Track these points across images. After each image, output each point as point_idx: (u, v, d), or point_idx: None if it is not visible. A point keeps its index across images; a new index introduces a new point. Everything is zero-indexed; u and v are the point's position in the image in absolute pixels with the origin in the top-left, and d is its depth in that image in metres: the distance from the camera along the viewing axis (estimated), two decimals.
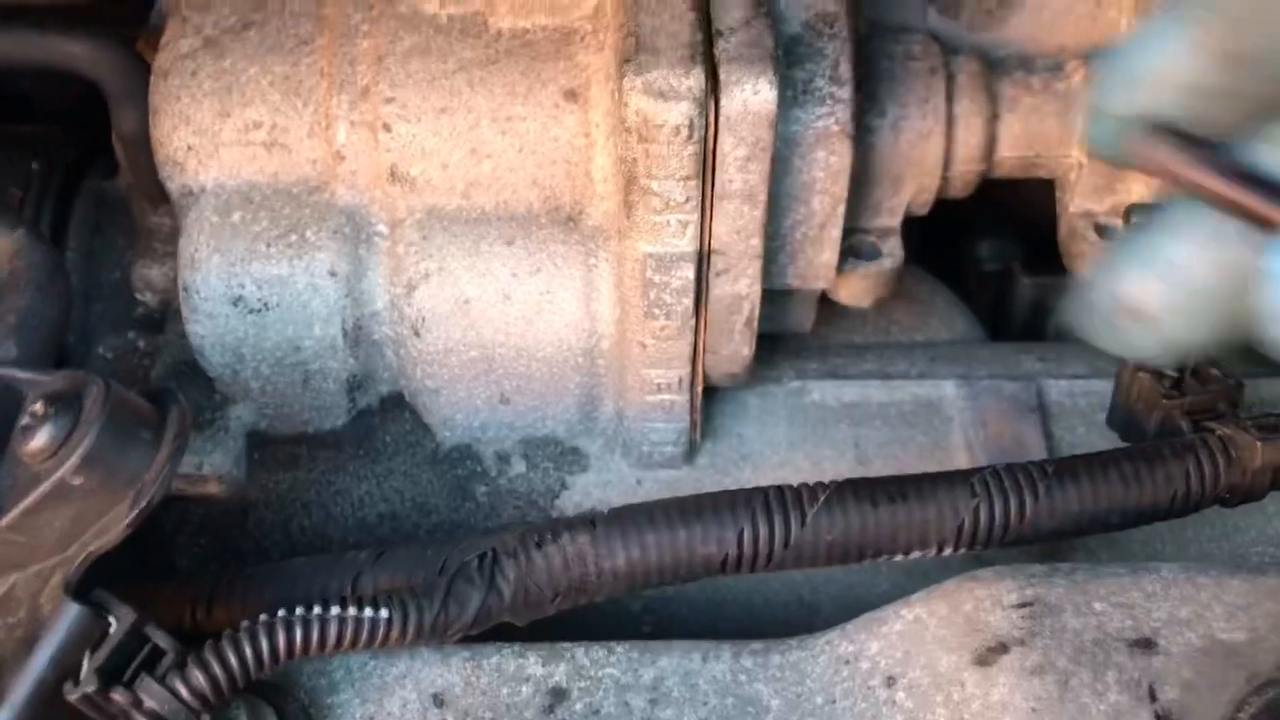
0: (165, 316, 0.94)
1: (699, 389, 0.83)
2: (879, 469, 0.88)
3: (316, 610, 0.66)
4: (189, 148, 0.81)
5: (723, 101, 0.69)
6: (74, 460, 0.60)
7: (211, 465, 0.83)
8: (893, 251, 0.84)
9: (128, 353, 0.94)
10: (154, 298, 0.95)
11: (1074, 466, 0.72)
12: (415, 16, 0.81)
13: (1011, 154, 0.85)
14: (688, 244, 0.74)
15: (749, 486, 0.73)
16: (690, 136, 0.69)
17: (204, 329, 0.81)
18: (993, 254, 1.19)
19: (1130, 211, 0.84)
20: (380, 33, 0.80)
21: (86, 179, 1.01)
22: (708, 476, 0.88)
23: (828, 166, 0.76)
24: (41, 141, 1.03)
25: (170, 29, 0.84)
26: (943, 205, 0.98)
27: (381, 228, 0.81)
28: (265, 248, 0.80)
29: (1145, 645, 0.66)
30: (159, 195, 0.90)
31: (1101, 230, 0.87)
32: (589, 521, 0.72)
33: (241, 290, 0.80)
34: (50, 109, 1.07)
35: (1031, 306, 1.13)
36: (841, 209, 0.78)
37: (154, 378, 0.88)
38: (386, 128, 0.79)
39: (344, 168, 0.80)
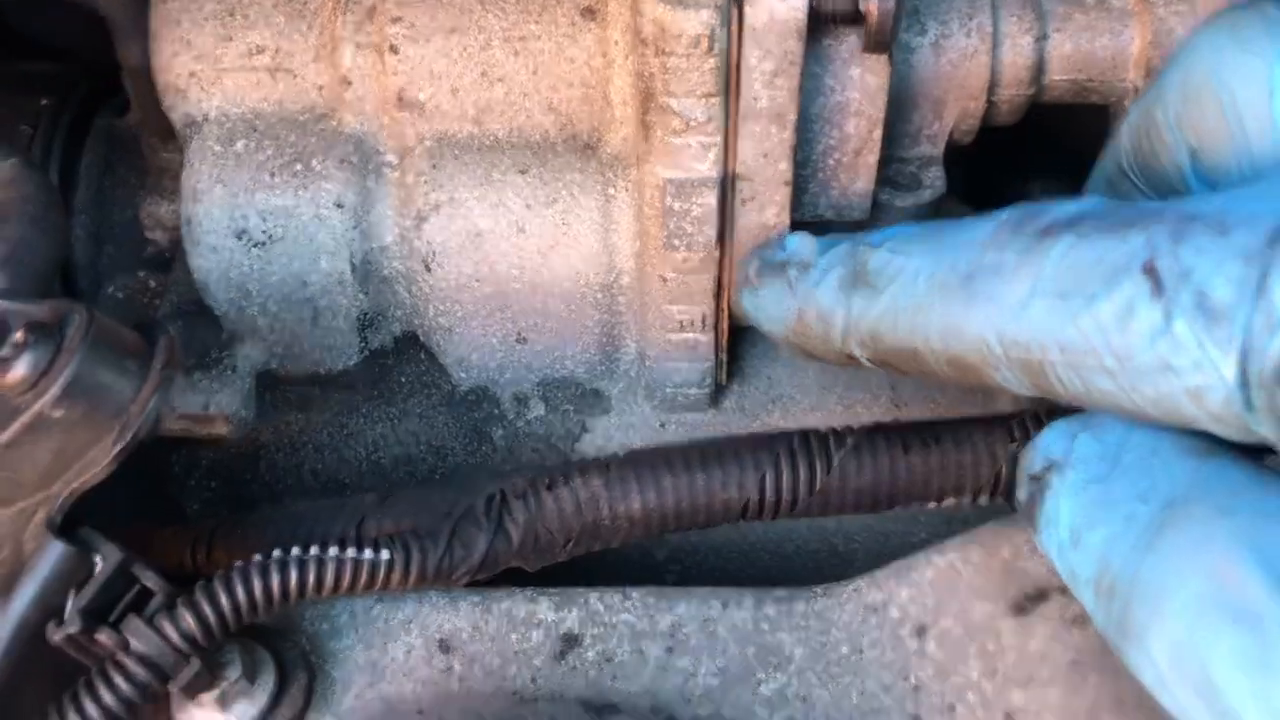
0: (175, 255, 0.91)
1: (724, 327, 0.78)
2: (916, 413, 0.84)
3: (314, 551, 0.63)
4: (191, 74, 0.78)
5: (747, 10, 0.64)
6: (54, 391, 0.57)
7: (218, 405, 0.80)
8: (934, 182, 0.79)
9: (138, 292, 0.92)
10: (164, 236, 0.92)
11: None
12: None
13: (1062, 76, 0.80)
14: (710, 168, 0.69)
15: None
16: (711, 48, 0.64)
17: (207, 263, 0.78)
18: (1045, 194, 1.14)
19: None
20: None
21: (98, 117, 0.98)
22: (735, 420, 0.84)
23: (864, 86, 0.71)
24: (53, 78, 1.00)
25: None
26: (993, 140, 0.92)
27: (390, 157, 0.77)
28: (269, 178, 0.77)
29: None
30: (168, 130, 0.86)
31: None
32: (603, 464, 0.68)
33: (245, 222, 0.77)
34: (63, 45, 1.04)
35: None
36: (878, 133, 0.73)
37: (159, 315, 0.85)
38: (394, 49, 0.75)
39: (350, 93, 0.77)
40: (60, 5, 0.89)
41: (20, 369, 0.57)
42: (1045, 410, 0.69)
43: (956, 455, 0.68)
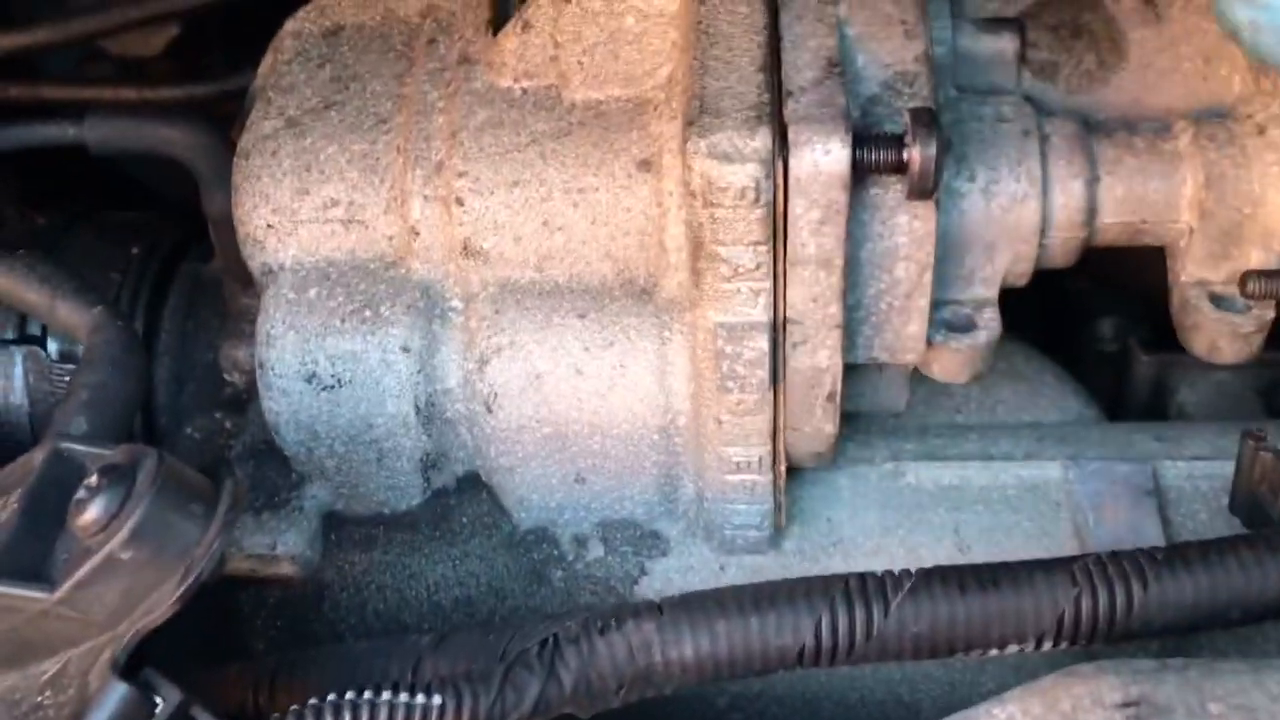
0: (250, 396, 0.94)
1: (782, 469, 0.79)
2: (980, 556, 0.82)
3: (368, 695, 0.63)
4: (269, 226, 0.82)
5: (792, 162, 0.66)
6: (124, 534, 0.60)
7: (285, 546, 0.82)
8: (988, 324, 0.79)
9: (214, 432, 0.95)
10: (240, 378, 0.95)
11: (1187, 554, 0.66)
12: (490, 91, 0.81)
13: (1115, 219, 0.80)
14: (760, 313, 0.70)
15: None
16: (757, 199, 0.66)
17: (279, 405, 0.80)
18: (1115, 333, 1.13)
19: (1247, 279, 0.79)
20: (455, 108, 0.80)
21: (184, 262, 1.03)
22: (795, 562, 0.84)
23: (911, 231, 0.72)
24: (144, 226, 1.05)
25: (255, 111, 0.85)
26: (1061, 282, 0.92)
27: (456, 302, 0.80)
28: (339, 323, 0.80)
29: None
30: (248, 276, 0.90)
31: (1217, 300, 0.81)
32: (655, 607, 0.68)
33: (315, 366, 0.79)
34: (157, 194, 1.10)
35: (1151, 385, 1.06)
36: (928, 277, 0.74)
37: (231, 457, 0.88)
38: (460, 202, 0.78)
39: (419, 243, 0.80)
40: (151, 158, 0.95)
41: (93, 511, 0.60)
42: (1109, 554, 0.68)
43: (1017, 600, 0.67)
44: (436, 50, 0.85)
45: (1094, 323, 1.13)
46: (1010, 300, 0.82)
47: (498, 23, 0.84)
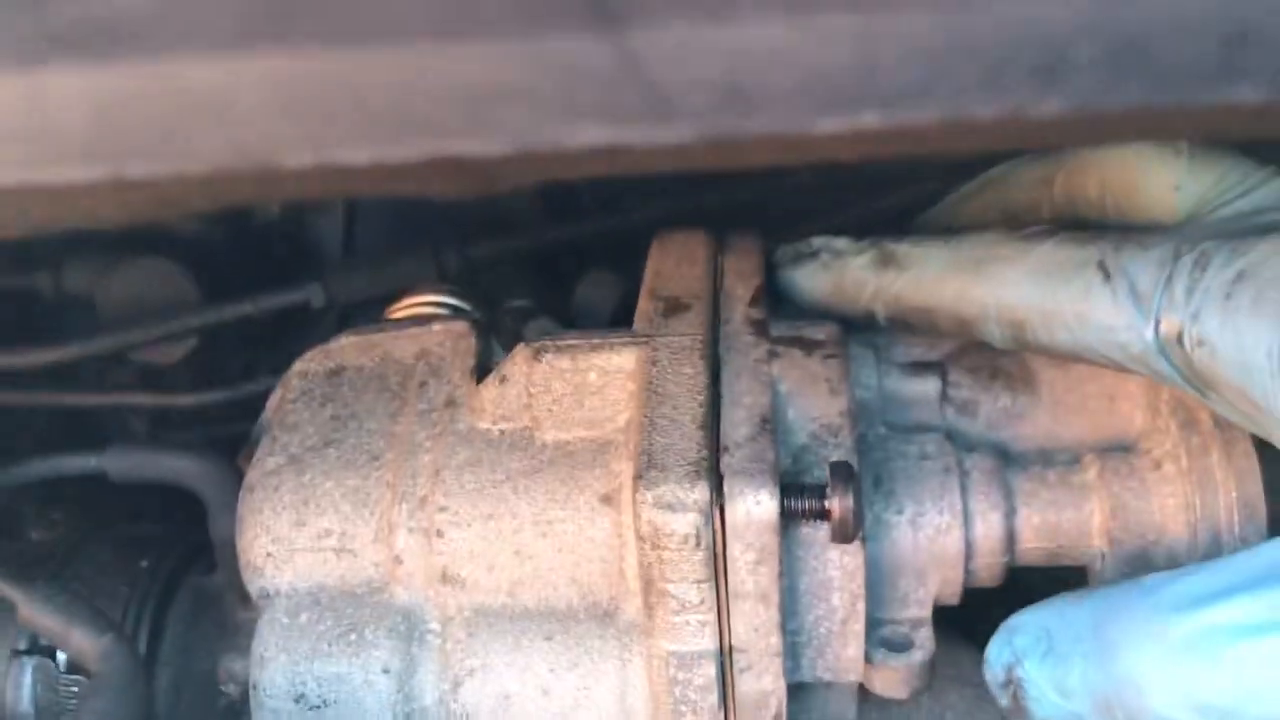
0: (244, 709, 0.99)
1: None
2: None
3: None
4: (268, 554, 0.90)
5: (728, 511, 0.75)
6: None
7: None
8: (924, 643, 0.86)
9: None
10: (236, 690, 1.01)
11: None
12: (471, 432, 0.90)
13: (1034, 545, 0.88)
14: (707, 642, 0.78)
15: None
16: (699, 544, 0.74)
17: None
18: None
19: None
20: (439, 448, 0.90)
21: (189, 574, 1.11)
22: None
23: (842, 566, 0.80)
24: (152, 541, 1.14)
25: (262, 448, 0.95)
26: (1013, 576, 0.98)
27: (434, 625, 0.87)
28: (327, 646, 0.86)
29: None
30: (247, 594, 0.98)
31: None
32: None
33: (304, 688, 0.86)
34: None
35: None
36: (861, 605, 0.82)
37: None
38: (440, 533, 0.87)
39: (402, 570, 0.88)
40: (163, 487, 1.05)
41: None
42: None
43: None
44: (427, 392, 0.95)
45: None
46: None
47: (481, 369, 0.95)
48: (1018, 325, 0.81)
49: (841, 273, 0.92)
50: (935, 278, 0.86)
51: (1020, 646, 0.76)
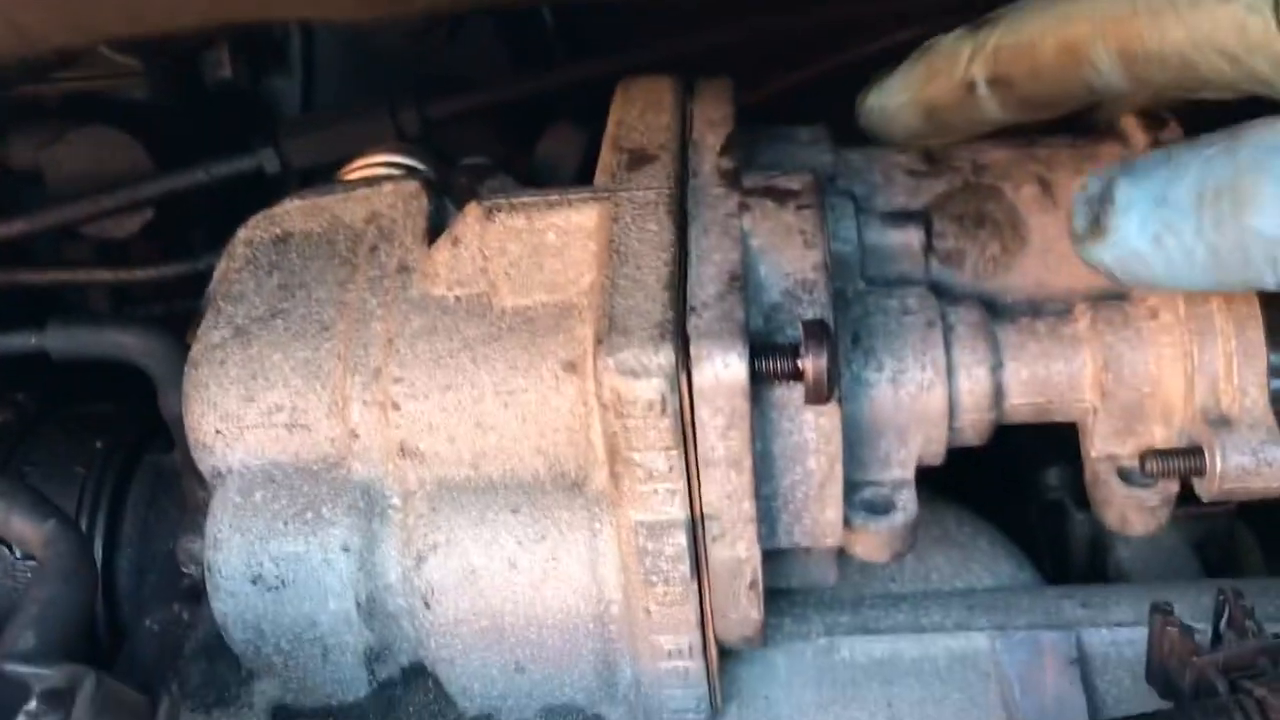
0: (205, 589, 0.97)
1: (713, 654, 0.81)
2: None
3: None
4: (217, 432, 0.85)
5: (695, 375, 0.70)
6: None
7: None
8: (906, 505, 0.83)
9: (171, 624, 0.97)
10: (197, 570, 0.98)
11: None
12: (425, 299, 0.85)
13: (1022, 400, 0.84)
14: (677, 511, 0.74)
15: None
16: (664, 410, 0.70)
17: (226, 606, 0.83)
18: (1061, 482, 1.16)
19: (1145, 459, 0.82)
20: (392, 316, 0.85)
21: (147, 454, 1.07)
22: None
23: (818, 427, 0.76)
24: (106, 420, 1.10)
25: (205, 320, 0.90)
26: (1004, 431, 0.95)
27: (395, 500, 0.84)
28: (283, 525, 0.83)
29: None
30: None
31: (1125, 475, 0.84)
32: None
33: (260, 568, 0.82)
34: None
35: (1089, 543, 1.09)
36: (839, 467, 0.78)
37: (186, 652, 0.90)
38: (396, 406, 0.82)
39: (358, 444, 0.83)
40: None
41: None
42: None
43: None
44: (378, 257, 0.90)
45: (1040, 472, 1.16)
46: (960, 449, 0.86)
47: (434, 231, 0.89)
48: (1125, 37, 0.74)
49: (935, 51, 0.87)
50: (1036, 10, 0.80)
51: (1129, 163, 0.74)
